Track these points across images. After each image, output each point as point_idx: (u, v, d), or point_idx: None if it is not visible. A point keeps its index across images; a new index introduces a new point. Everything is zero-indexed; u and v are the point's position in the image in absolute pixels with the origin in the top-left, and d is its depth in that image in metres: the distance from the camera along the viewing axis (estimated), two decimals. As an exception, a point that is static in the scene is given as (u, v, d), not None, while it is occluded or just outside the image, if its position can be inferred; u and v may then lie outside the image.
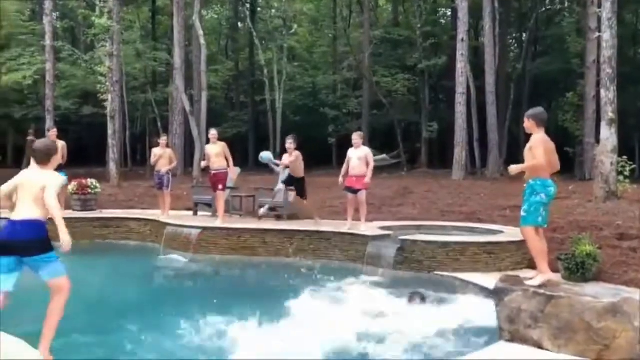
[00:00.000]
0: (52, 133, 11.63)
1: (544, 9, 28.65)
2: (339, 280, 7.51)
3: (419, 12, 26.11)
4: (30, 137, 22.74)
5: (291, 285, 7.42)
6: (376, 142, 27.09)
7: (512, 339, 4.68)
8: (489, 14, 20.76)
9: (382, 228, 9.19)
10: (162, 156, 11.22)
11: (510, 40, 32.40)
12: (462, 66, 19.15)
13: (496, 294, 5.00)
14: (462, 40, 19.19)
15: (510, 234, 8.16)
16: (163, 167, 11.18)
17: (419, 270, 7.84)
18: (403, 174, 22.03)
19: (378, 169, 18.46)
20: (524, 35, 29.57)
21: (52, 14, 20.44)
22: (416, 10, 26.42)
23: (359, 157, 8.99)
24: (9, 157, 28.26)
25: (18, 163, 25.70)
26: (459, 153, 19.12)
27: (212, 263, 9.07)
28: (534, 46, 29.35)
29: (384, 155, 19.83)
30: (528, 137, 5.28)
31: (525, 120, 5.27)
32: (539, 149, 4.99)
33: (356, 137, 9.20)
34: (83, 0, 26.03)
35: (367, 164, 8.96)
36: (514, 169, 5.25)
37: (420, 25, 25.29)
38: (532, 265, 6.05)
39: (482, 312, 5.78)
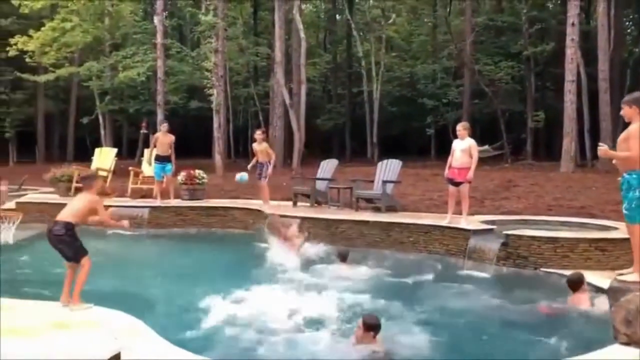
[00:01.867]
0: (164, 127, 12.31)
1: (666, -14, 26.28)
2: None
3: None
4: (143, 130, 24.44)
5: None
6: (478, 133, 26.25)
7: (628, 342, 4.37)
8: (603, -5, 19.36)
9: (485, 222, 8.92)
10: (260, 150, 11.66)
11: (627, 23, 30.04)
12: (572, 52, 18.02)
13: (611, 294, 4.70)
14: (573, 24, 18.04)
15: (625, 230, 7.62)
16: (262, 159, 11.64)
17: (524, 266, 7.55)
18: (507, 165, 21.17)
19: (480, 161, 17.90)
20: (643, 16, 27.35)
21: (163, 13, 21.62)
22: (521, -6, 25.23)
23: (463, 149, 8.72)
24: (124, 148, 30.34)
25: (132, 154, 27.60)
26: (568, 144, 18.06)
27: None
28: (655, 28, 27.04)
29: (486, 147, 19.15)
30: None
31: (625, 106, 4.79)
32: (636, 139, 4.56)
33: (460, 128, 8.93)
34: (190, -1, 27.36)
35: (471, 156, 8.66)
36: (604, 151, 4.85)
37: (526, 10, 24.10)
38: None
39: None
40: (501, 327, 5.66)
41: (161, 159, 11.86)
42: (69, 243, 4.94)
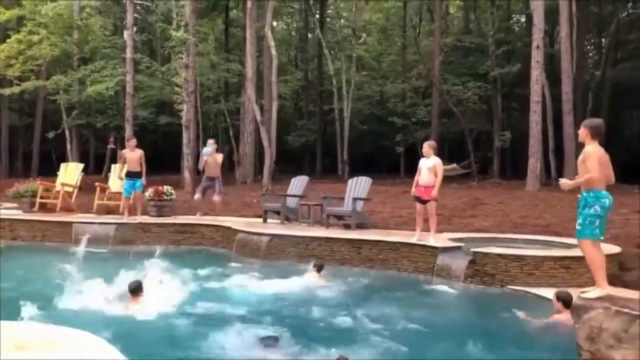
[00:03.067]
0: (132, 142, 12.12)
1: (625, 12, 27.27)
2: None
3: (492, 19, 25.51)
4: (110, 145, 24.09)
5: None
6: (446, 151, 26.64)
7: (592, 359, 4.46)
8: (566, 19, 19.96)
9: (453, 240, 9.02)
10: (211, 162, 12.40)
11: (589, 46, 31.03)
12: (537, 74, 18.51)
13: (575, 311, 4.79)
14: (537, 47, 18.56)
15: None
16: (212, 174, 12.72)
17: (491, 284, 7.64)
18: (474, 184, 21.51)
19: (448, 179, 18.13)
20: (604, 40, 28.25)
21: (133, 28, 21.45)
22: (488, 17, 25.84)
23: (428, 167, 8.85)
24: (91, 163, 29.79)
25: (99, 170, 27.12)
26: (534, 163, 18.46)
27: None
28: (615, 52, 27.98)
29: (454, 165, 19.40)
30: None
31: (581, 128, 5.16)
32: (592, 161, 4.87)
33: (426, 147, 9.07)
34: (161, 14, 27.19)
35: (437, 175, 8.79)
36: (566, 184, 5.19)
37: (492, 32, 24.71)
38: (612, 282, 5.78)
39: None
40: (470, 338, 5.69)
41: (132, 175, 11.67)
42: None
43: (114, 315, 6.25)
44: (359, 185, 11.06)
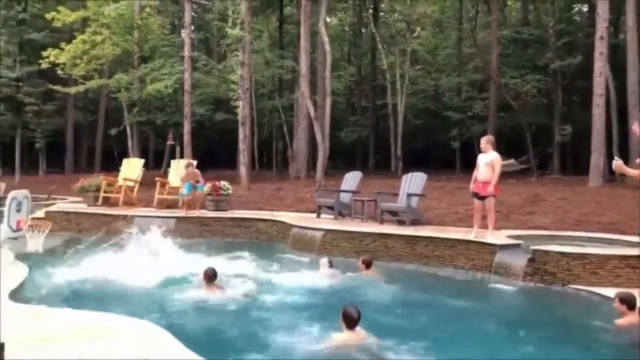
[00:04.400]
0: (190, 168, 12.66)
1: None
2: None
3: (552, 9, 24.65)
4: (170, 142, 24.79)
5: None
6: (503, 146, 25.98)
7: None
8: (633, 8, 19.06)
9: (511, 237, 8.81)
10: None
11: (657, 36, 29.51)
12: (600, 65, 17.76)
13: (643, 313, 4.60)
14: (601, 37, 17.80)
15: (657, 247, 7.46)
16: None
17: (552, 283, 7.42)
18: (533, 180, 20.89)
19: (506, 175, 17.67)
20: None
21: (190, 27, 21.96)
22: (548, 7, 24.98)
23: (486, 162, 8.65)
24: (150, 159, 30.77)
25: (158, 165, 27.99)
26: (597, 158, 17.74)
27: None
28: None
29: (512, 160, 18.87)
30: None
31: None
32: None
33: (483, 142, 8.88)
34: (217, 12, 27.71)
35: (494, 170, 8.58)
36: (619, 166, 4.86)
37: (552, 23, 23.87)
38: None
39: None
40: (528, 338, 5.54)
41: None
42: None
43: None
44: (413, 181, 10.95)
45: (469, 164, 26.64)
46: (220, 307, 6.37)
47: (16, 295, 6.13)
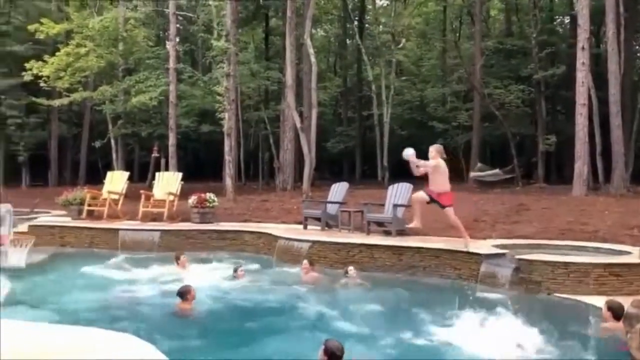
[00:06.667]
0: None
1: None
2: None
3: (534, 20, 25.00)
4: (154, 154, 24.64)
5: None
6: (488, 156, 26.21)
7: (646, 371, 4.28)
8: (612, 20, 19.39)
9: (497, 246, 8.85)
10: None
11: (637, 47, 30.04)
12: (582, 75, 18.00)
13: (627, 320, 4.62)
14: (583, 48, 18.06)
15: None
16: None
17: (537, 291, 7.46)
18: (518, 189, 21.03)
19: (490, 184, 17.83)
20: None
21: (175, 39, 21.93)
22: (531, 19, 25.33)
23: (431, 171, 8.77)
24: (135, 171, 30.53)
25: (143, 178, 27.79)
26: (580, 167, 17.92)
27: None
28: (665, 51, 27.00)
29: (496, 170, 19.00)
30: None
31: None
32: None
33: (432, 151, 9.10)
34: (202, 24, 27.72)
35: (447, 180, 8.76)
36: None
37: (535, 34, 24.21)
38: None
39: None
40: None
41: None
42: None
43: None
44: (399, 192, 10.98)
45: (455, 174, 26.74)
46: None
47: (-2, 311, 6.03)
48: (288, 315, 7.11)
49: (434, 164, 8.67)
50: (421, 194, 8.76)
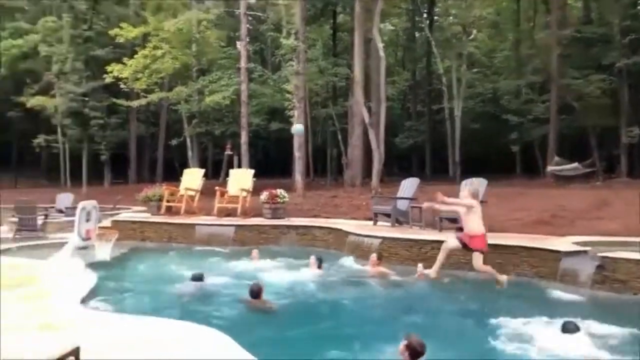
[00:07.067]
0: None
1: None
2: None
3: (616, 6, 23.65)
4: (227, 152, 25.31)
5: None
6: (566, 150, 25.09)
7: None
8: None
9: (577, 243, 8.48)
10: None
11: None
12: (670, 62, 16.93)
13: None
14: (671, 33, 16.97)
15: None
16: None
17: (622, 291, 7.09)
18: (598, 184, 20.03)
19: (568, 179, 17.09)
20: None
21: (246, 39, 22.40)
22: (612, 4, 23.98)
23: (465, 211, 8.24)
24: (209, 169, 31.46)
25: (216, 175, 28.61)
26: (668, 160, 16.88)
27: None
28: None
29: (575, 164, 18.19)
30: None
31: None
32: None
33: (465, 192, 8.49)
34: (272, 23, 28.15)
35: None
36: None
37: (617, 20, 22.89)
38: None
39: None
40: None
41: None
42: None
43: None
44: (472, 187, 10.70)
45: (530, 169, 25.91)
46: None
47: (86, 302, 6.39)
48: (358, 308, 7.13)
49: (468, 203, 8.05)
50: (453, 242, 8.29)
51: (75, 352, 3.33)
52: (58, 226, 13.14)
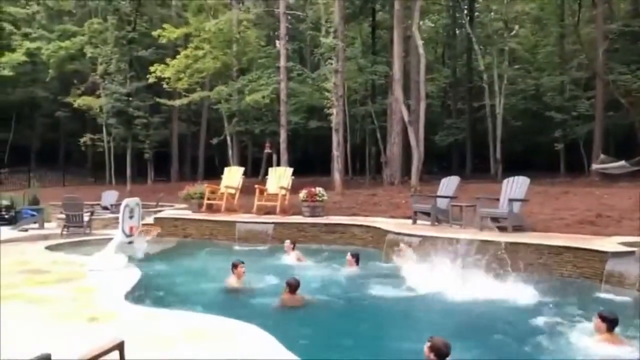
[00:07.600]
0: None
1: None
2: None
3: (667, -3, 22.82)
4: (267, 150, 25.56)
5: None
6: (612, 147, 24.33)
7: None
8: None
9: (624, 244, 8.22)
10: None
11: None
12: None
13: None
14: None
15: None
16: None
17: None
18: (647, 182, 19.37)
19: (614, 177, 16.56)
20: None
21: (285, 38, 22.55)
22: (663, -4, 23.16)
23: None
24: (249, 167, 31.82)
25: (256, 173, 28.90)
26: None
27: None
28: None
29: (622, 162, 17.62)
30: None
31: None
32: None
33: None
34: (311, 22, 28.22)
35: None
36: None
37: (668, 12, 22.07)
38: None
39: None
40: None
41: None
42: None
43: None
44: (515, 186, 10.53)
45: (574, 167, 25.19)
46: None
47: (130, 296, 6.57)
48: (394, 306, 7.11)
49: None
50: None
51: (120, 345, 3.43)
52: (103, 223, 13.54)
